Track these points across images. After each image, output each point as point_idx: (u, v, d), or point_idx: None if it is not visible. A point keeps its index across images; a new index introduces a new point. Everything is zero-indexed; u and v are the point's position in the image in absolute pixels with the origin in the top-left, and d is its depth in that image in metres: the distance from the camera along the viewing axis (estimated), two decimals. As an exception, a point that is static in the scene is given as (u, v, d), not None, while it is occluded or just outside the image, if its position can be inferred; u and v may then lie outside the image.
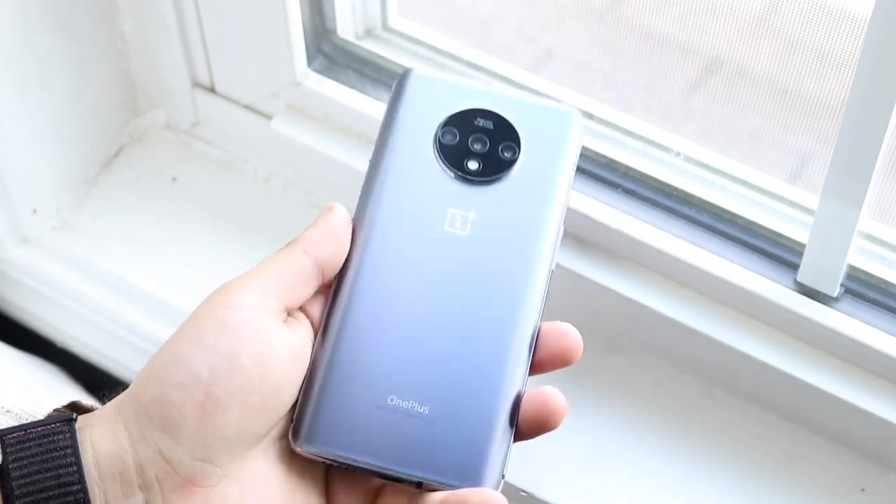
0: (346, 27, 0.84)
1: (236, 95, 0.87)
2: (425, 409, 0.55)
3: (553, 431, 0.55)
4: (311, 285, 0.56)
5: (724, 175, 0.76)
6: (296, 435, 0.54)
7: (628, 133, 0.78)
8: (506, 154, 0.59)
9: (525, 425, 0.55)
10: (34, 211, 0.87)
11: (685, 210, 0.76)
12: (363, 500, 0.56)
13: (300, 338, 0.55)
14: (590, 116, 0.79)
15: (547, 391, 0.55)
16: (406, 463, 0.54)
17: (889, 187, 0.70)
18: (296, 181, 0.89)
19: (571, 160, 0.60)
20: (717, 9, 0.72)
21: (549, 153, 0.60)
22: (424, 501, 0.54)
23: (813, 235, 0.70)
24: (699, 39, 0.76)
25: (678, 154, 0.77)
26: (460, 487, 0.53)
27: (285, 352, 0.53)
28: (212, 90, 0.88)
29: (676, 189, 0.76)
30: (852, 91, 0.62)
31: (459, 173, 0.58)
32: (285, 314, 0.55)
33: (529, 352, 0.56)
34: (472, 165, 0.58)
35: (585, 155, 0.78)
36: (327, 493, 0.56)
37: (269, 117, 0.86)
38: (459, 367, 0.55)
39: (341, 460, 0.54)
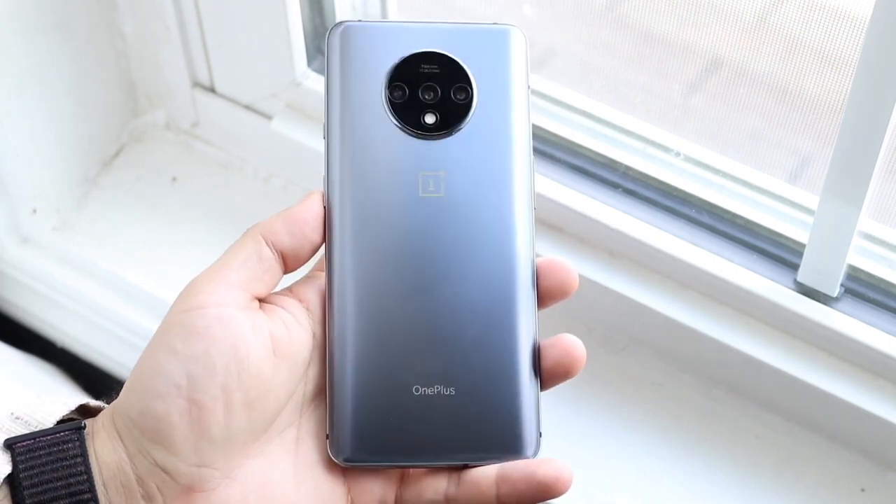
0: (346, 27, 0.84)
1: (236, 95, 0.87)
2: (451, 391, 0.54)
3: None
4: (276, 272, 0.55)
5: (724, 175, 0.76)
6: (335, 450, 0.54)
7: (628, 133, 0.78)
8: (459, 97, 0.57)
9: (547, 374, 0.55)
10: (34, 211, 0.87)
11: (685, 210, 0.76)
12: (390, 479, 0.55)
13: (277, 323, 0.54)
14: (590, 116, 0.79)
15: (566, 340, 0.54)
16: (449, 450, 0.54)
17: (889, 187, 0.70)
18: (296, 181, 0.88)
19: (523, 81, 0.58)
20: (717, 9, 0.72)
21: (501, 81, 0.58)
22: (472, 477, 0.53)
23: (813, 235, 0.70)
24: (699, 39, 0.76)
25: (678, 154, 0.77)
26: (506, 460, 0.54)
27: (260, 341, 0.53)
28: (212, 90, 0.88)
29: (676, 189, 0.76)
30: (852, 91, 0.62)
31: (419, 132, 0.57)
32: (256, 302, 0.54)
33: (533, 295, 0.56)
34: (430, 119, 0.57)
35: (585, 155, 0.78)
36: (346, 479, 0.55)
37: (269, 117, 0.86)
38: (471, 335, 0.55)
39: (387, 466, 0.55)
